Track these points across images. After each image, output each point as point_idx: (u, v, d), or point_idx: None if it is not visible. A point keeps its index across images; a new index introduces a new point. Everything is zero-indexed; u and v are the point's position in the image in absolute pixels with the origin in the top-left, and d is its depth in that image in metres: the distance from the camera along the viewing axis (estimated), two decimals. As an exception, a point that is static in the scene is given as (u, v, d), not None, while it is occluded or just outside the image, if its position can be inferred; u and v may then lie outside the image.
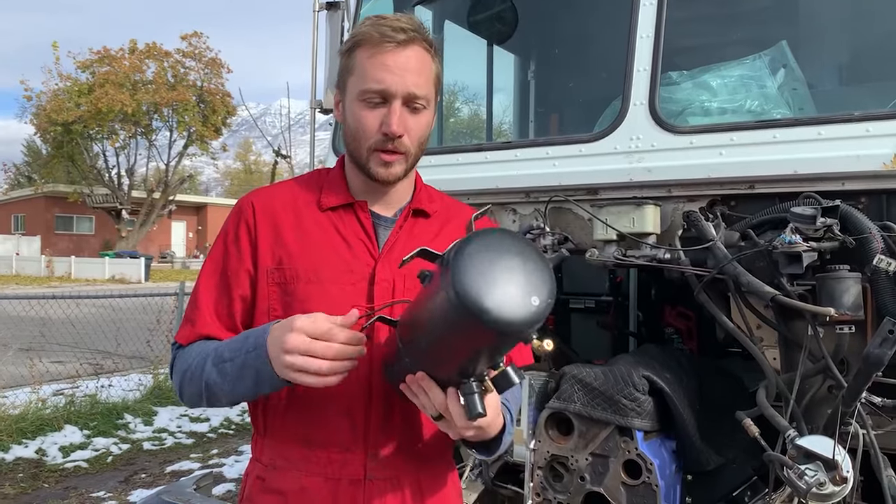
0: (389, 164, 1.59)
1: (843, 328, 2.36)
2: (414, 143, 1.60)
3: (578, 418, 2.76)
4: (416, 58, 1.57)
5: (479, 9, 4.24)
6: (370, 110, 1.56)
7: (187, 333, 1.64)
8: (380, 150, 1.58)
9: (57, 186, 47.90)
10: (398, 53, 1.55)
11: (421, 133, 1.62)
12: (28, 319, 9.78)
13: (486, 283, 1.15)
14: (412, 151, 1.61)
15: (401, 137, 1.56)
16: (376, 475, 1.59)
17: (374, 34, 1.55)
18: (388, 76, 1.54)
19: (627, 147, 2.94)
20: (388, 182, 1.63)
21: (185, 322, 1.66)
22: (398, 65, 1.54)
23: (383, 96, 1.55)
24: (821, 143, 2.60)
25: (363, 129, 1.57)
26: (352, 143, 1.62)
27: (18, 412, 7.27)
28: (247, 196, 1.72)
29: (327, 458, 1.58)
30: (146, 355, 9.85)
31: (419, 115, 1.59)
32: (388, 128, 1.54)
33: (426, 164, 3.47)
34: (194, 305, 1.65)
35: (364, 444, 1.59)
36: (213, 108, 45.94)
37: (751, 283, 2.50)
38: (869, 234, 2.35)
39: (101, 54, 43.87)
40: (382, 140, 1.56)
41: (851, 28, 3.77)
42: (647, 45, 2.95)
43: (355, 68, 1.59)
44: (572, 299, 3.88)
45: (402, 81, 1.54)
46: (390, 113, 1.55)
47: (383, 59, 1.54)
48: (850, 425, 2.32)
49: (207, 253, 1.72)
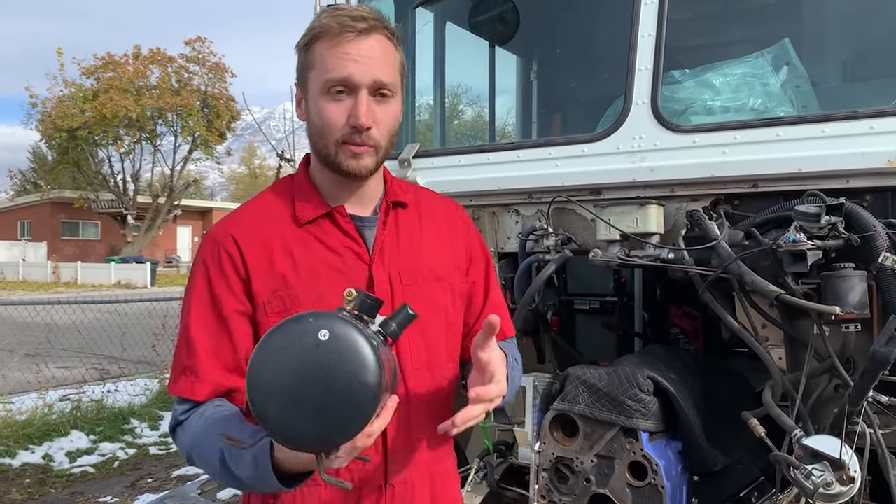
0: (359, 155, 1.52)
1: (848, 327, 2.34)
2: (384, 135, 1.54)
3: (583, 420, 2.75)
4: (379, 46, 1.52)
5: (481, 10, 4.23)
6: (335, 103, 1.50)
7: (190, 386, 1.52)
8: (348, 144, 1.51)
9: (62, 192, 48.08)
10: (360, 42, 1.49)
11: (390, 124, 1.56)
12: (34, 325, 9.81)
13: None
14: (382, 144, 1.55)
15: (369, 130, 1.50)
16: (395, 480, 1.58)
17: (333, 24, 1.49)
18: (352, 65, 1.48)
19: (630, 147, 2.93)
20: (360, 176, 1.56)
21: (183, 371, 1.54)
22: (361, 53, 1.48)
23: (348, 86, 1.49)
24: (825, 141, 2.58)
25: (329, 123, 1.51)
26: (318, 140, 1.56)
27: (25, 418, 7.29)
28: (220, 227, 1.61)
29: (347, 468, 1.49)
30: (152, 360, 9.86)
31: (387, 104, 1.54)
32: (357, 119, 1.48)
33: (429, 166, 3.50)
34: (190, 351, 1.53)
35: (384, 450, 1.57)
36: (217, 113, 46.08)
37: (755, 282, 2.48)
38: (874, 231, 2.33)
39: (105, 60, 44.07)
40: (350, 132, 1.50)
41: (854, 25, 3.76)
42: (648, 44, 2.93)
43: (315, 62, 1.52)
44: (576, 300, 3.87)
45: (367, 70, 1.49)
46: (357, 104, 1.49)
47: (345, 49, 1.48)
48: (857, 424, 2.31)
49: (188, 289, 1.58)
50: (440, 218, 1.74)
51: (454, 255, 1.72)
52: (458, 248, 1.74)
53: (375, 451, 1.55)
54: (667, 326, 3.76)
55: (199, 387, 1.52)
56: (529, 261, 3.06)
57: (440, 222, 1.73)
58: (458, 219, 1.78)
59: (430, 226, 1.71)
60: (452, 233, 1.75)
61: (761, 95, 2.94)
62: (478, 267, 1.78)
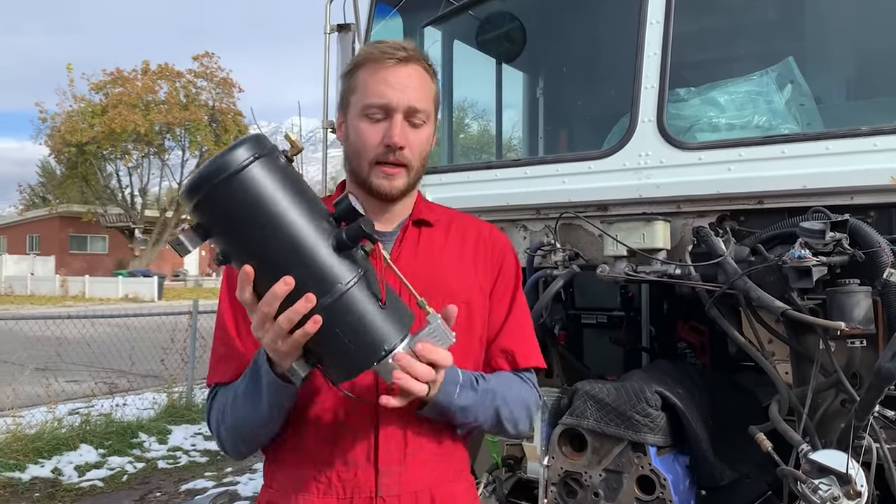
0: (392, 176, 1.60)
1: (854, 342, 2.36)
2: (416, 156, 1.62)
3: (592, 434, 2.77)
4: (416, 75, 1.61)
5: (488, 28, 4.28)
6: (372, 124, 1.59)
7: (228, 370, 1.62)
8: (381, 164, 1.59)
9: (71, 206, 48.35)
10: (399, 70, 1.59)
11: (422, 147, 1.64)
12: (44, 339, 9.86)
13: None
14: (414, 165, 1.63)
15: (402, 149, 1.58)
16: (387, 492, 1.57)
17: (375, 52, 1.61)
18: (390, 91, 1.57)
19: (636, 163, 2.96)
20: (391, 197, 1.63)
21: (218, 361, 1.64)
22: (399, 80, 1.58)
23: (385, 110, 1.58)
24: (829, 158, 2.62)
25: (364, 142, 1.60)
26: (354, 158, 1.64)
27: (34, 432, 7.31)
28: None
29: (338, 478, 1.56)
30: (160, 374, 9.89)
31: (420, 129, 1.62)
32: (390, 139, 1.56)
33: (437, 182, 3.54)
34: (223, 342, 1.64)
35: (374, 461, 1.57)
36: (224, 128, 46.29)
37: (761, 297, 2.51)
38: (878, 247, 2.36)
39: (114, 75, 44.41)
40: (384, 152, 1.58)
41: (858, 43, 3.79)
42: (654, 63, 2.97)
43: (357, 87, 1.62)
44: (584, 315, 3.89)
45: (404, 96, 1.58)
46: (392, 125, 1.57)
47: (385, 76, 1.58)
48: (864, 439, 2.32)
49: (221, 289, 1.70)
50: (469, 239, 1.76)
51: (478, 276, 1.72)
52: (485, 270, 1.74)
53: (367, 462, 1.56)
54: (674, 341, 3.78)
55: (228, 370, 1.62)
56: (537, 276, 3.09)
57: (468, 243, 1.75)
58: (491, 241, 1.79)
59: (455, 245, 1.73)
60: (480, 254, 1.75)
61: (766, 113, 2.97)
62: (502, 290, 1.76)
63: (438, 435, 1.62)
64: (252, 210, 1.23)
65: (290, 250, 1.25)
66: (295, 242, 1.25)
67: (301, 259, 1.25)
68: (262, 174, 1.25)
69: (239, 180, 1.23)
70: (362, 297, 1.28)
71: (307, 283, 1.24)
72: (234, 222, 1.25)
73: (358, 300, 1.28)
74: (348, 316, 1.27)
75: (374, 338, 1.29)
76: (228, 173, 1.23)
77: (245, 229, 1.25)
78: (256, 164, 1.24)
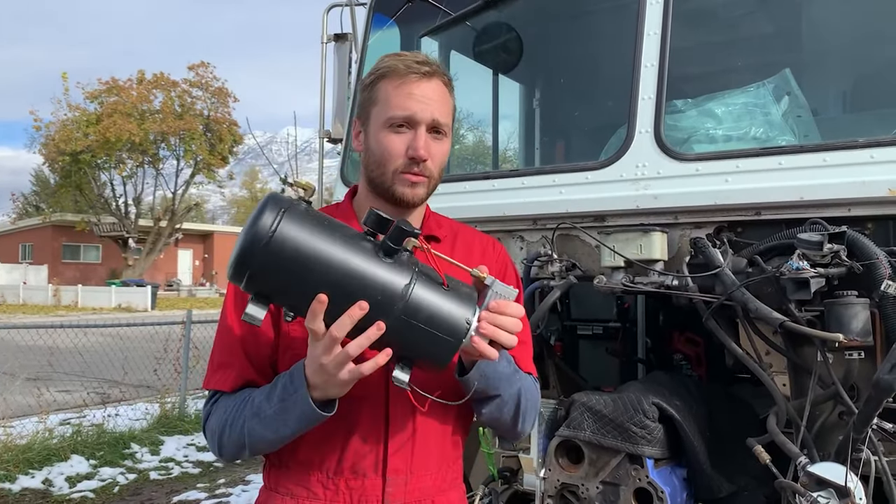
0: (415, 184, 1.64)
1: (852, 354, 2.36)
2: (436, 168, 1.67)
3: (589, 446, 2.76)
4: (439, 90, 1.66)
5: (485, 39, 4.29)
6: (397, 136, 1.63)
7: (221, 379, 1.63)
8: (405, 173, 1.63)
9: (64, 215, 48.21)
10: (423, 84, 1.63)
11: (442, 159, 1.68)
12: (36, 349, 9.79)
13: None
14: (434, 176, 1.67)
15: (426, 161, 1.62)
16: (393, 500, 1.61)
17: (399, 66, 1.64)
18: (415, 104, 1.61)
19: (633, 174, 2.96)
20: (413, 204, 1.67)
21: (217, 368, 1.65)
22: (424, 94, 1.63)
23: (409, 123, 1.62)
24: (826, 170, 2.62)
25: (389, 153, 1.63)
26: (375, 168, 1.66)
27: (25, 442, 7.25)
28: None
29: (346, 485, 1.60)
30: (153, 384, 9.84)
31: (440, 142, 1.66)
32: (415, 151, 1.60)
33: (434, 192, 3.51)
34: (223, 349, 1.65)
35: (382, 469, 1.61)
36: (219, 137, 46.32)
37: (759, 309, 2.50)
38: (876, 259, 2.36)
39: (109, 84, 44.43)
40: (408, 164, 1.62)
41: (854, 55, 3.81)
42: (651, 74, 2.98)
43: (379, 98, 1.65)
44: (580, 326, 3.88)
45: (428, 109, 1.62)
46: (416, 138, 1.61)
47: (409, 89, 1.62)
48: (862, 452, 2.31)
49: (226, 295, 1.72)
50: (475, 252, 1.82)
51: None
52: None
53: (375, 470, 1.60)
54: (670, 352, 3.77)
55: (228, 378, 1.63)
56: (534, 287, 3.08)
57: (474, 255, 1.80)
58: (493, 253, 1.86)
59: (462, 259, 1.74)
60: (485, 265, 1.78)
61: (763, 125, 2.98)
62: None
63: (441, 444, 1.68)
64: (298, 262, 1.31)
65: (347, 279, 1.33)
66: (348, 271, 1.33)
67: (361, 282, 1.34)
68: (294, 227, 1.32)
69: (276, 242, 1.30)
70: (427, 289, 1.38)
71: (376, 299, 1.33)
72: (287, 279, 1.33)
73: (425, 293, 1.37)
74: (423, 310, 1.36)
75: (453, 318, 1.38)
76: (265, 241, 1.30)
77: (299, 280, 1.33)
78: (285, 221, 1.31)
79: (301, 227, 1.33)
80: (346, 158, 3.82)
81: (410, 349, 1.39)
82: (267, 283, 1.34)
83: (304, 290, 1.32)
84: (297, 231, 1.32)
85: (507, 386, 1.61)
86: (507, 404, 1.64)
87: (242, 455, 1.62)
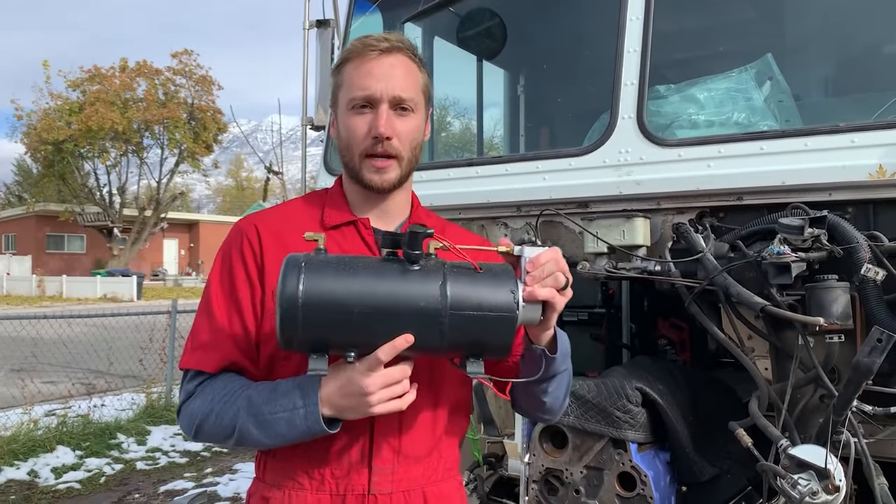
0: (382, 170, 1.62)
1: (832, 337, 2.38)
2: (405, 146, 1.63)
3: (572, 431, 2.77)
4: (401, 64, 1.63)
5: (469, 25, 4.27)
6: (359, 116, 1.61)
7: (201, 359, 1.60)
8: (371, 156, 1.61)
9: (48, 205, 47.75)
10: (382, 60, 1.61)
11: (412, 136, 1.64)
12: (20, 340, 9.74)
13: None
14: (404, 155, 1.64)
15: (389, 139, 1.59)
16: (379, 490, 1.59)
17: (358, 46, 1.63)
18: (373, 82, 1.59)
19: (616, 160, 2.96)
20: (384, 189, 1.65)
21: (197, 347, 1.62)
22: (382, 71, 1.60)
23: (370, 102, 1.60)
24: (807, 155, 2.63)
25: (352, 135, 1.62)
26: (345, 153, 1.66)
27: (10, 433, 7.22)
28: (247, 219, 1.71)
29: (331, 475, 1.58)
30: (139, 374, 9.80)
31: (407, 118, 1.63)
32: (376, 130, 1.58)
33: (417, 180, 3.50)
34: (206, 328, 1.62)
35: (369, 460, 1.59)
36: (204, 125, 46.02)
37: (741, 293, 2.51)
38: (857, 243, 2.37)
39: (91, 73, 43.98)
40: (372, 144, 1.60)
41: (836, 40, 3.82)
42: (634, 60, 2.98)
43: (344, 82, 1.65)
44: (565, 312, 3.88)
45: (387, 85, 1.59)
46: (377, 116, 1.59)
47: (368, 68, 1.61)
48: (842, 434, 2.34)
49: (211, 272, 1.70)
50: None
51: None
52: None
53: (361, 461, 1.59)
54: (654, 338, 3.78)
55: (211, 358, 1.60)
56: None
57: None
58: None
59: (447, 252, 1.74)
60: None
61: (745, 110, 2.99)
62: None
63: (431, 434, 1.66)
64: (336, 308, 1.35)
65: (386, 302, 1.36)
66: (383, 294, 1.37)
67: (398, 298, 1.37)
68: (319, 278, 1.35)
69: (308, 296, 1.33)
70: (462, 279, 1.40)
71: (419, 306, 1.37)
72: (333, 326, 1.36)
73: (462, 284, 1.39)
74: (467, 299, 1.38)
75: (499, 296, 1.40)
76: (301, 300, 1.33)
77: (344, 322, 1.36)
78: (308, 276, 1.34)
79: (323, 275, 1.36)
80: (329, 146, 3.80)
81: (475, 340, 1.41)
82: (315, 337, 1.37)
83: (352, 328, 1.36)
84: (324, 281, 1.35)
85: (567, 363, 1.66)
86: (567, 380, 1.68)
87: (221, 444, 1.61)
